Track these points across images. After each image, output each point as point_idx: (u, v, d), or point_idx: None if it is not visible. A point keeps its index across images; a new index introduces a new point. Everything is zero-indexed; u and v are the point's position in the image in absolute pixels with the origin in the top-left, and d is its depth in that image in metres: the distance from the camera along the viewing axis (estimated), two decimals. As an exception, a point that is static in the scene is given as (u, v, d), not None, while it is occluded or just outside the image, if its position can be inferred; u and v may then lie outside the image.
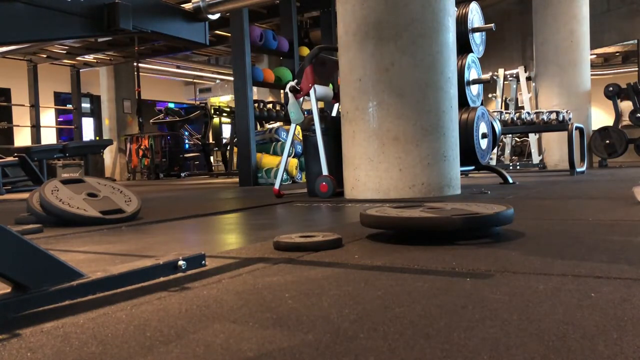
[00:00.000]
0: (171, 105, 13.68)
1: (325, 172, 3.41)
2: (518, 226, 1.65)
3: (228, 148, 9.97)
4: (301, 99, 3.68)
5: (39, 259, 0.87)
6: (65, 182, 2.41)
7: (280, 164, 3.82)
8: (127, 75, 12.22)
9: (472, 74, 4.33)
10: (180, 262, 1.09)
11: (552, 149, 7.87)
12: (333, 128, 3.50)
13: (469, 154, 4.02)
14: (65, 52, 10.83)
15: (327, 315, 0.79)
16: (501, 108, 8.03)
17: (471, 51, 4.33)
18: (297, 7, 7.44)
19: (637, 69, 11.13)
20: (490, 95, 9.32)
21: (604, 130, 8.20)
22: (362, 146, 3.08)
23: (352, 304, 0.85)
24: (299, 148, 6.21)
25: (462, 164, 3.57)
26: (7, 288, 0.85)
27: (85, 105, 14.24)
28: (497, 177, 4.50)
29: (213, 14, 1.23)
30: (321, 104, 4.85)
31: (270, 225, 2.12)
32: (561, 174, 5.67)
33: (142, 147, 11.07)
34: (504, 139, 8.51)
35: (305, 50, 7.45)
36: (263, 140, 6.43)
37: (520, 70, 8.42)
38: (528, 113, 6.03)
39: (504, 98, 8.67)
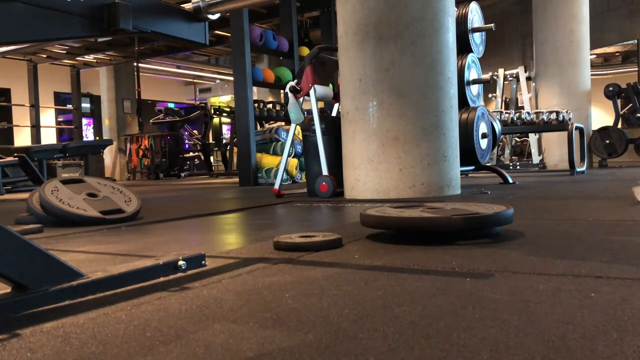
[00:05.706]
0: (171, 105, 13.67)
1: (325, 172, 3.41)
2: (518, 226, 1.65)
3: (228, 148, 9.97)
4: (301, 99, 3.67)
5: (39, 259, 0.87)
6: (65, 182, 2.41)
7: (280, 164, 3.82)
8: (127, 75, 12.22)
9: (472, 74, 4.33)
10: (180, 262, 1.09)
11: (552, 149, 7.87)
12: (333, 128, 3.50)
13: (469, 154, 4.02)
14: (65, 52, 10.82)
15: (327, 315, 0.79)
16: (501, 108, 8.02)
17: (471, 51, 4.33)
18: (297, 7, 7.43)
19: (637, 69, 11.13)
20: (490, 95, 9.33)
21: (604, 130, 8.20)
22: (362, 146, 3.07)
23: (352, 304, 0.85)
24: (299, 148, 6.21)
25: (462, 164, 3.57)
26: (7, 288, 0.85)
27: (85, 105, 14.23)
28: (497, 177, 4.50)
29: (213, 14, 1.23)
30: (321, 104, 4.85)
31: (270, 225, 2.12)
32: (561, 174, 5.66)
33: (142, 147, 11.07)
34: (504, 139, 8.50)
35: (305, 50, 7.45)
36: (263, 140, 6.43)
37: (520, 70, 8.42)
38: (528, 113, 6.03)
39: (504, 98, 8.67)
